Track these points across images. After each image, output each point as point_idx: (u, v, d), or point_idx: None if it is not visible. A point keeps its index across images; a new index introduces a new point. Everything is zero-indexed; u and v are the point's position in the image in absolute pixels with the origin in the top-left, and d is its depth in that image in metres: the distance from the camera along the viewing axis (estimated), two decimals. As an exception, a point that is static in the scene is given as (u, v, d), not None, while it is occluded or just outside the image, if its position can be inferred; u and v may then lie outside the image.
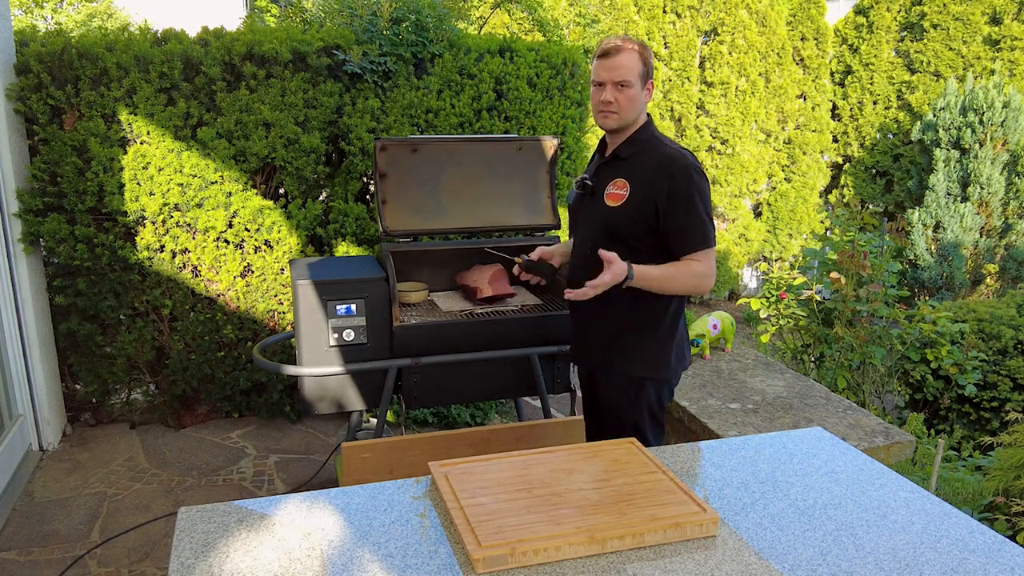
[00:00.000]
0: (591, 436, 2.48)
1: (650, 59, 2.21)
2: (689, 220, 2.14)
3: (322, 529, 1.47)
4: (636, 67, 2.16)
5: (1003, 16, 7.75)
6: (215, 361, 3.97)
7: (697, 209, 2.13)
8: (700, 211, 2.13)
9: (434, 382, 2.93)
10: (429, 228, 3.13)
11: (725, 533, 1.46)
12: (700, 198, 2.13)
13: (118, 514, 3.24)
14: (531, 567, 1.36)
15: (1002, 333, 4.37)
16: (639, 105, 2.20)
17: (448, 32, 4.07)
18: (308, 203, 3.96)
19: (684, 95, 7.70)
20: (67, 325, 3.78)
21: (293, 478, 3.60)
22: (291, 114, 3.79)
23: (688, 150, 2.21)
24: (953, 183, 7.04)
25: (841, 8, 9.17)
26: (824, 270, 4.32)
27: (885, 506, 1.57)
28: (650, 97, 2.23)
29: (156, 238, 3.76)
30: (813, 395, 3.13)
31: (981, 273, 7.06)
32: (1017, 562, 1.38)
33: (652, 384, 2.26)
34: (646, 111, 2.26)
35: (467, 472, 1.62)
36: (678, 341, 2.29)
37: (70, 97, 3.56)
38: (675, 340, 2.28)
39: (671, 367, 2.27)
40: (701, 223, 2.14)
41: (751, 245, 8.19)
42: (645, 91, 2.20)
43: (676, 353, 2.28)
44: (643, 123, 2.25)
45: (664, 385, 2.30)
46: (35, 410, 3.67)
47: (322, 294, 2.73)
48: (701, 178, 2.15)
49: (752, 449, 1.82)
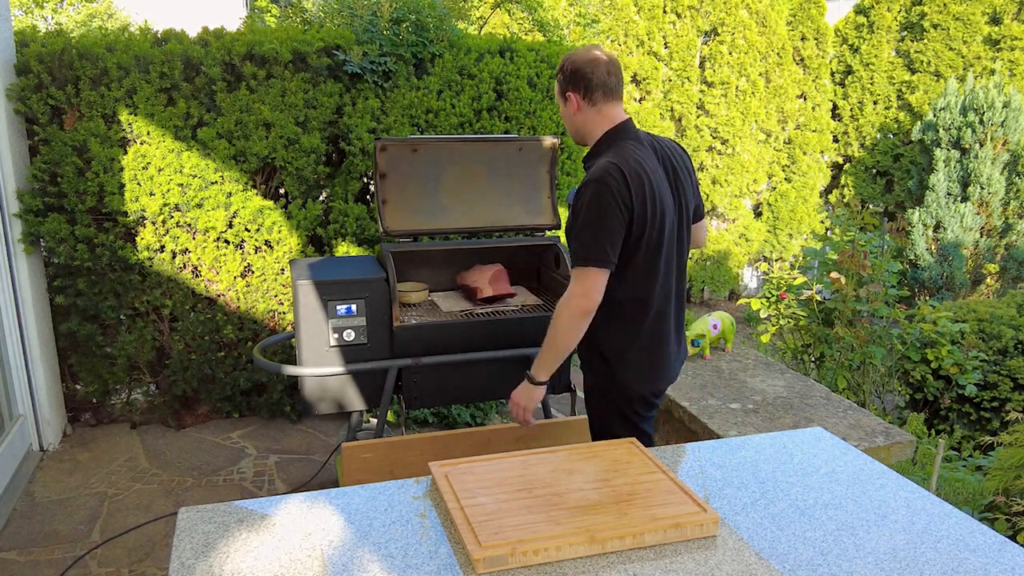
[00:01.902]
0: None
1: (567, 73, 2.16)
2: (573, 236, 2.06)
3: (322, 529, 1.47)
4: (556, 88, 2.22)
5: (1003, 16, 7.75)
6: (215, 361, 3.97)
7: (582, 224, 2.03)
8: (585, 226, 2.02)
9: (434, 382, 2.93)
10: (429, 228, 3.13)
11: (725, 533, 1.46)
12: (589, 212, 2.01)
13: (118, 514, 3.24)
14: (531, 567, 1.36)
15: (1002, 333, 4.37)
16: (570, 121, 2.22)
17: (448, 32, 4.07)
18: (308, 203, 3.96)
19: (684, 95, 7.70)
20: (67, 325, 3.78)
21: (293, 478, 3.60)
22: (291, 114, 3.79)
23: (617, 162, 2.04)
24: (953, 183, 7.04)
25: (841, 8, 9.16)
26: (824, 270, 4.32)
27: (885, 506, 1.57)
28: (580, 108, 2.17)
29: (156, 238, 3.76)
30: (813, 395, 3.13)
31: (981, 273, 7.06)
32: (1017, 562, 1.38)
33: (603, 390, 2.24)
34: (606, 124, 2.17)
35: (467, 472, 1.62)
36: (644, 351, 2.19)
37: (70, 97, 3.56)
38: (637, 349, 2.19)
39: (623, 376, 2.20)
40: (579, 240, 2.04)
41: (751, 245, 8.19)
42: (571, 105, 2.17)
43: (639, 361, 2.20)
44: (599, 137, 2.18)
45: (620, 392, 2.22)
46: (35, 410, 3.67)
47: (322, 294, 2.73)
48: (600, 189, 2.01)
49: (752, 449, 1.82)
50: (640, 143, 2.15)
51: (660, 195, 2.09)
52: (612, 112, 2.17)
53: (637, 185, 2.03)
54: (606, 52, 2.19)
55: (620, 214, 2.01)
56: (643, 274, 2.12)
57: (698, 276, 8.06)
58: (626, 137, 2.15)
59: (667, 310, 2.22)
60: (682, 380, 3.24)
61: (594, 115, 2.17)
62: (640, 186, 2.03)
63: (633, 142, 2.14)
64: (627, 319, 2.17)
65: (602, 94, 2.14)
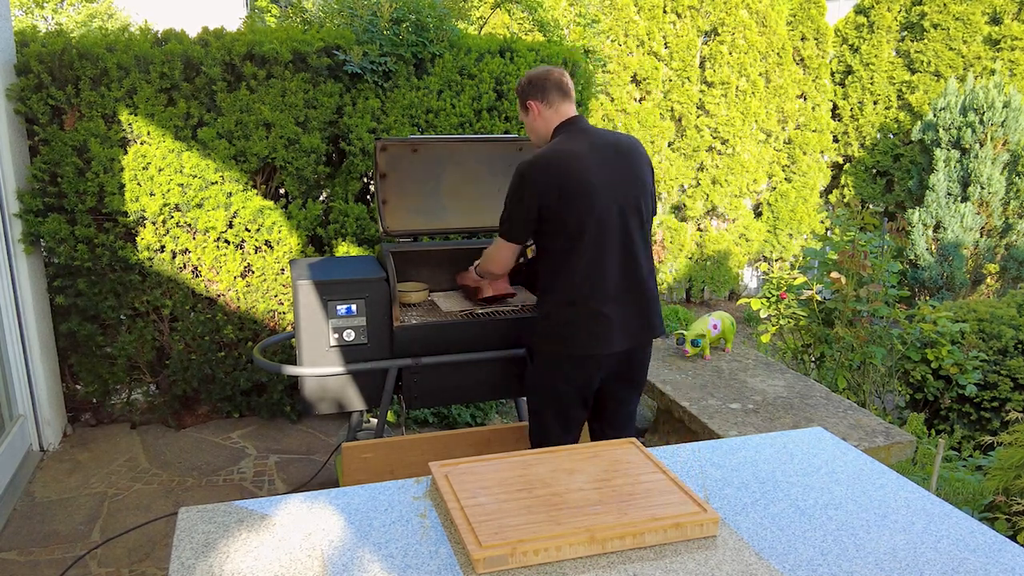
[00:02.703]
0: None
1: (525, 86, 2.50)
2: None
3: (323, 529, 1.47)
4: (518, 105, 2.56)
5: (1003, 16, 7.75)
6: (215, 361, 3.97)
7: (504, 202, 2.45)
8: (505, 205, 2.45)
9: (434, 382, 2.93)
10: (429, 228, 3.13)
11: (725, 533, 1.46)
12: (509, 194, 2.43)
13: (118, 514, 3.24)
14: (531, 567, 1.36)
15: (1002, 333, 4.37)
16: (533, 129, 2.54)
17: (448, 32, 4.07)
18: (308, 203, 3.96)
19: (684, 95, 7.70)
20: (67, 325, 3.78)
21: (294, 478, 3.60)
22: (291, 114, 3.79)
23: (543, 154, 2.38)
24: (953, 183, 7.04)
25: (841, 8, 9.16)
26: (824, 270, 4.32)
27: (885, 506, 1.57)
28: (540, 112, 2.49)
29: (156, 238, 3.76)
30: (813, 395, 3.13)
31: (981, 273, 7.06)
32: (1017, 562, 1.38)
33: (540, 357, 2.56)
34: (560, 120, 2.48)
35: (467, 472, 1.62)
36: (569, 323, 2.44)
37: (70, 97, 3.56)
38: (563, 321, 2.44)
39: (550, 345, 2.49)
40: (502, 214, 2.47)
41: (751, 245, 8.19)
42: (532, 113, 2.50)
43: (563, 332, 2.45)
44: (553, 132, 2.49)
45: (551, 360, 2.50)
46: (35, 410, 3.67)
47: (322, 294, 2.73)
48: (518, 176, 2.39)
49: (752, 449, 1.82)
50: (585, 134, 2.43)
51: (588, 184, 2.34)
52: (565, 109, 2.49)
53: (555, 176, 2.34)
54: (556, 67, 2.56)
55: (529, 200, 2.37)
56: (562, 255, 2.39)
57: (698, 276, 8.06)
58: (572, 129, 2.45)
59: (601, 286, 2.40)
60: (682, 380, 3.24)
61: (551, 114, 2.49)
62: (560, 176, 2.33)
63: (576, 134, 2.43)
64: (555, 291, 2.45)
65: (557, 94, 2.47)
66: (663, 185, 7.82)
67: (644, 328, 2.49)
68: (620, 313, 2.42)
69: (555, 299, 2.45)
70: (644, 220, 2.46)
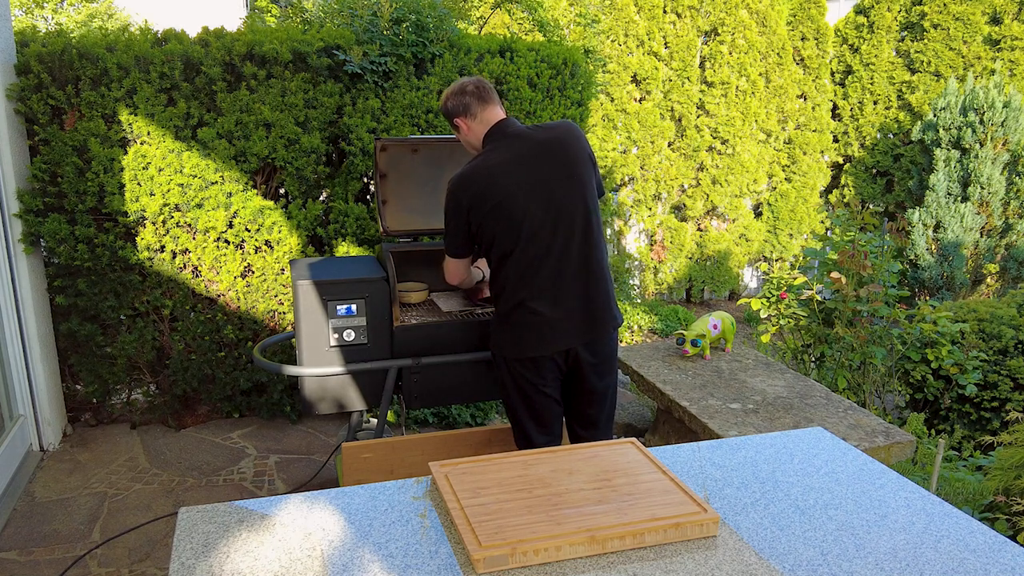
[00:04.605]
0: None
1: (446, 107, 2.52)
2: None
3: (323, 529, 1.47)
4: (452, 127, 2.57)
5: (1003, 16, 7.75)
6: (215, 361, 3.97)
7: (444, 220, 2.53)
8: (445, 223, 2.52)
9: (434, 382, 2.93)
10: (429, 228, 3.13)
11: (725, 533, 1.46)
12: (444, 210, 2.49)
13: (119, 514, 3.24)
14: (531, 567, 1.36)
15: (1003, 333, 4.37)
16: (468, 143, 2.57)
17: (448, 32, 4.07)
18: (308, 203, 3.96)
19: (684, 95, 7.70)
20: (67, 325, 3.78)
21: (294, 478, 3.60)
22: (291, 114, 3.79)
23: (462, 173, 2.44)
24: (953, 183, 7.04)
25: (841, 8, 9.17)
26: (824, 270, 4.31)
27: (885, 506, 1.57)
28: (469, 127, 2.51)
29: (156, 238, 3.76)
30: (813, 395, 3.13)
31: (981, 273, 7.06)
32: (1017, 562, 1.38)
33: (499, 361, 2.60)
34: (486, 128, 2.50)
35: (467, 472, 1.62)
36: (512, 328, 2.51)
37: (70, 97, 3.56)
38: (508, 327, 2.52)
39: (503, 348, 2.55)
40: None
41: (751, 245, 8.19)
42: (463, 130, 2.53)
43: (509, 338, 2.53)
44: (483, 141, 2.52)
45: (507, 364, 2.55)
46: (36, 410, 3.67)
47: (322, 294, 2.73)
48: (447, 194, 2.46)
49: (752, 449, 1.82)
50: (509, 139, 2.44)
51: (510, 195, 2.37)
52: (489, 116, 2.49)
53: (478, 191, 2.39)
54: (470, 76, 2.58)
55: (458, 217, 2.45)
56: (499, 262, 2.46)
57: (698, 276, 8.06)
58: (497, 136, 2.47)
59: (538, 290, 2.44)
60: (682, 380, 3.24)
61: (477, 125, 2.50)
62: (482, 190, 2.39)
63: (500, 141, 2.45)
64: (499, 297, 2.53)
65: (477, 104, 2.48)
66: (663, 185, 7.83)
67: (592, 323, 2.49)
68: (561, 313, 2.45)
69: (501, 305, 2.52)
70: (589, 210, 2.45)
